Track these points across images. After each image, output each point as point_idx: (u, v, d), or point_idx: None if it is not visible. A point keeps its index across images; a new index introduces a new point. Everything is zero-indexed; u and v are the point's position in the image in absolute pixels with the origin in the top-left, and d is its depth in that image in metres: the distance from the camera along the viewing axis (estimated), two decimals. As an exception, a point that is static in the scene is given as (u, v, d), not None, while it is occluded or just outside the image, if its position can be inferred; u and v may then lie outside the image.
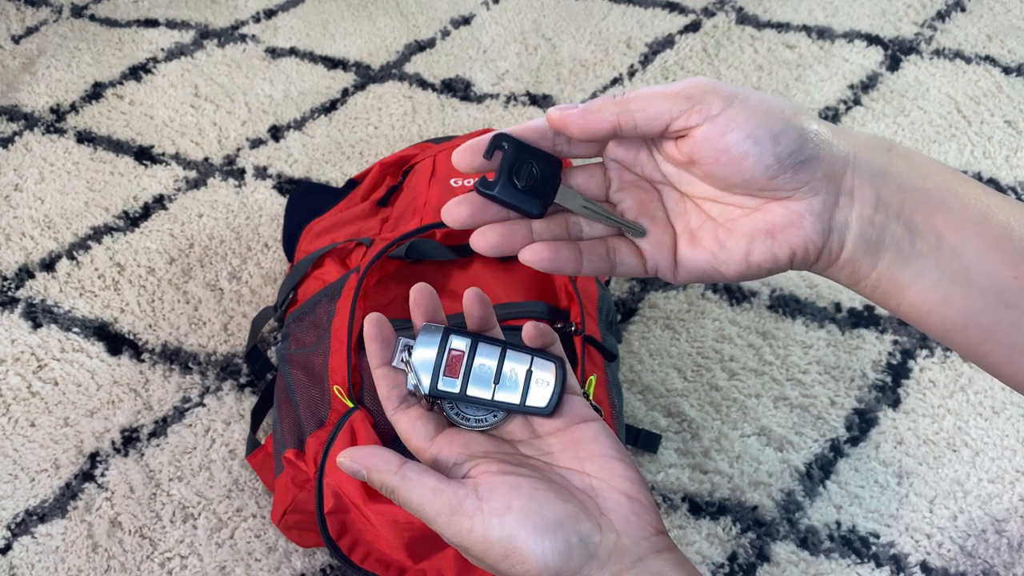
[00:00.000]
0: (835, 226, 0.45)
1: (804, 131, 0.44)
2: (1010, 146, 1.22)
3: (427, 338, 0.52)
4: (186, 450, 0.91)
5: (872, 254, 0.45)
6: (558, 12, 1.53)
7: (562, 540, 0.46)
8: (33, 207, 1.20)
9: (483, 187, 0.45)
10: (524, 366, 0.52)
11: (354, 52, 1.47)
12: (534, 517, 0.46)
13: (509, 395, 0.52)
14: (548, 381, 0.52)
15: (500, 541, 0.46)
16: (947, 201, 0.45)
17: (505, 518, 0.46)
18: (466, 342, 0.52)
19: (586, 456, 0.51)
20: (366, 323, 0.53)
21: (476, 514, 0.47)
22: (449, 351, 0.52)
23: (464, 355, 0.52)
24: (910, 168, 0.45)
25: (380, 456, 0.50)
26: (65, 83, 1.42)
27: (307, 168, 1.25)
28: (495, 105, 1.34)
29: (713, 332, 1.00)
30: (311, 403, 0.80)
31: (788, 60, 1.40)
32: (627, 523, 0.48)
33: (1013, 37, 1.41)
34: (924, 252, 0.44)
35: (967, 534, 0.82)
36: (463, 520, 0.47)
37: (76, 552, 0.84)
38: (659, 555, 0.47)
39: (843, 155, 0.45)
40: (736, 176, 0.44)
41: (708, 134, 0.43)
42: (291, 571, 0.82)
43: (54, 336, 1.03)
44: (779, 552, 0.82)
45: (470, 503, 0.47)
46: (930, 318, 0.45)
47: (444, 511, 0.48)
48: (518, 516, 0.46)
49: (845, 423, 0.91)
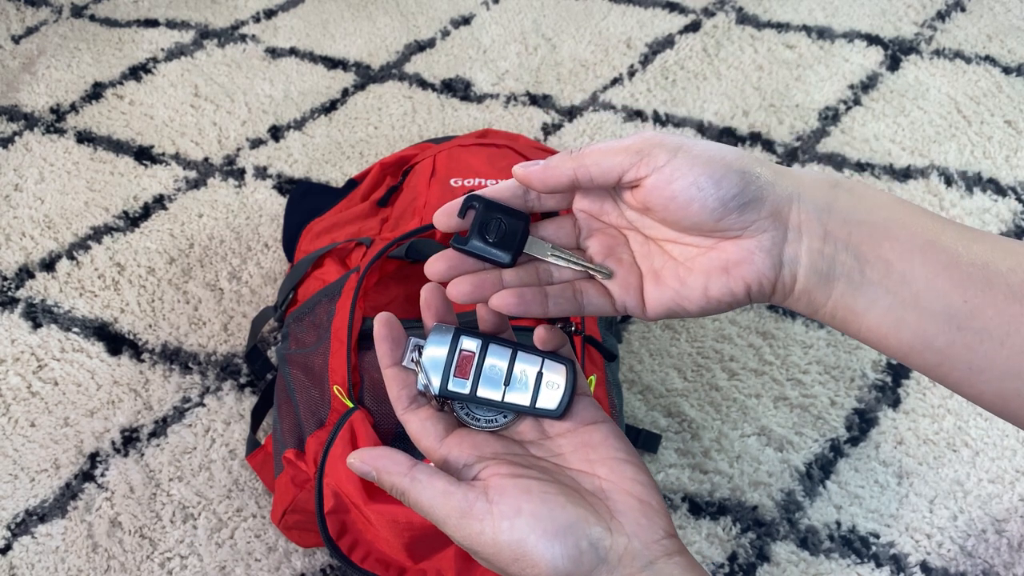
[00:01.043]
0: (786, 260, 0.48)
1: (745, 175, 0.47)
2: (1010, 146, 1.22)
3: (438, 338, 0.52)
4: (186, 450, 0.91)
5: (825, 284, 0.47)
6: (558, 12, 1.53)
7: (572, 544, 0.47)
8: (33, 207, 1.20)
9: (457, 242, 0.50)
10: (535, 368, 0.52)
11: (354, 52, 1.47)
12: (544, 521, 0.47)
13: (519, 396, 0.52)
14: (559, 383, 0.52)
15: (510, 545, 0.47)
16: (893, 231, 0.47)
17: (515, 522, 0.47)
18: (477, 343, 0.52)
19: (596, 458, 0.51)
20: (376, 322, 0.53)
21: (486, 517, 0.47)
22: (460, 352, 0.52)
23: (475, 356, 0.52)
24: (855, 201, 0.48)
25: (390, 457, 0.51)
26: (65, 83, 1.42)
27: (307, 168, 1.25)
28: (495, 105, 1.34)
29: (713, 332, 1.00)
30: (311, 403, 0.80)
31: (788, 60, 1.40)
32: (638, 526, 0.48)
33: (1013, 37, 1.41)
34: (874, 280, 0.47)
35: (967, 534, 0.82)
36: (473, 523, 0.48)
37: (76, 552, 0.84)
38: (670, 558, 0.48)
39: (787, 194, 0.47)
40: (686, 220, 0.48)
41: (656, 183, 0.47)
42: (291, 571, 0.82)
43: (54, 336, 1.03)
44: (779, 552, 0.82)
45: (480, 506, 0.48)
46: (887, 342, 0.47)
47: (454, 514, 0.48)
48: (528, 520, 0.47)
49: (845, 423, 0.91)
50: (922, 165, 1.20)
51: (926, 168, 1.19)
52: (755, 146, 1.25)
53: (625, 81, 1.38)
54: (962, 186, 1.16)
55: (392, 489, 0.50)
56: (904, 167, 1.20)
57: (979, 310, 0.45)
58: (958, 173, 1.18)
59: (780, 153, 1.23)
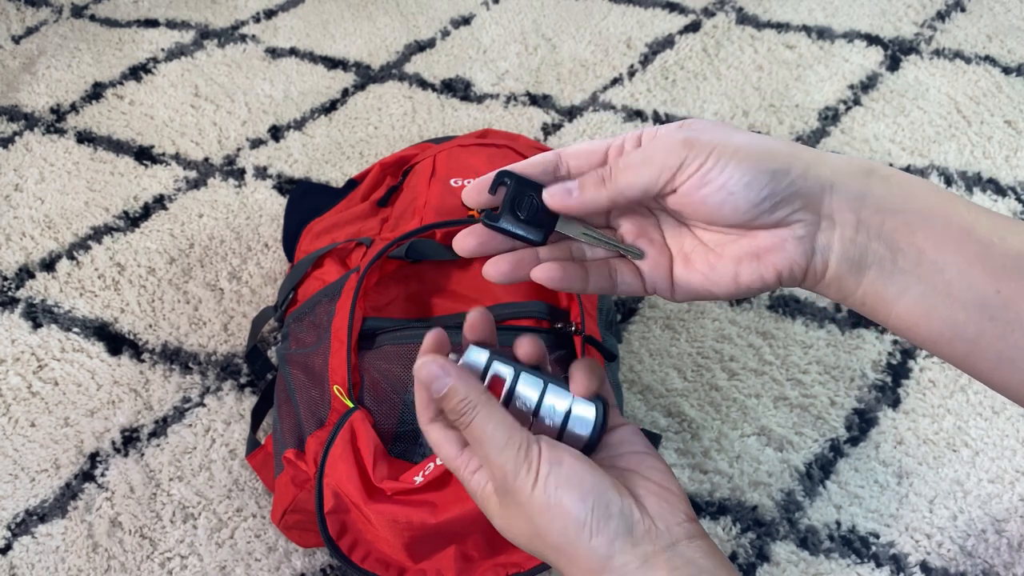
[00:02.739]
0: (817, 247, 0.48)
1: (776, 173, 0.47)
2: (1010, 146, 1.22)
3: (472, 358, 0.52)
4: (186, 450, 0.91)
5: (856, 272, 0.48)
6: (558, 12, 1.53)
7: (604, 505, 0.47)
8: (33, 207, 1.20)
9: (488, 219, 0.49)
10: (564, 404, 0.51)
11: (354, 52, 1.47)
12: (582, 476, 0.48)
13: (545, 431, 0.51)
14: (587, 421, 0.51)
15: (547, 491, 0.48)
16: (928, 219, 0.47)
17: (558, 469, 0.48)
18: (510, 370, 0.51)
19: (617, 454, 0.52)
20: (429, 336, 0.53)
21: (537, 460, 0.48)
22: (492, 376, 0.51)
23: (505, 382, 0.51)
24: (890, 190, 0.47)
25: (467, 375, 0.50)
26: (65, 83, 1.42)
27: (307, 168, 1.25)
28: (495, 105, 1.34)
29: (713, 332, 1.00)
30: (311, 403, 0.80)
31: (788, 60, 1.40)
32: (660, 509, 0.49)
33: (1013, 37, 1.41)
34: (906, 268, 0.47)
35: (967, 534, 0.82)
36: (527, 463, 0.48)
37: (76, 552, 0.84)
38: (691, 541, 0.48)
39: (821, 184, 0.47)
40: (719, 220, 0.48)
41: (687, 190, 0.48)
42: (291, 571, 0.82)
43: (54, 336, 1.03)
44: (779, 552, 0.82)
45: (535, 449, 0.49)
46: (917, 331, 0.48)
47: (513, 446, 0.48)
48: (568, 473, 0.48)
49: (845, 423, 0.91)
50: (922, 165, 1.20)
51: (926, 168, 1.19)
52: (755, 146, 1.25)
53: (625, 81, 1.38)
54: (962, 186, 1.16)
55: (465, 401, 0.50)
56: (904, 167, 1.20)
57: (1012, 301, 0.45)
58: (958, 173, 1.18)
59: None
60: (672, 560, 0.47)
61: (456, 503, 0.70)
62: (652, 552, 0.47)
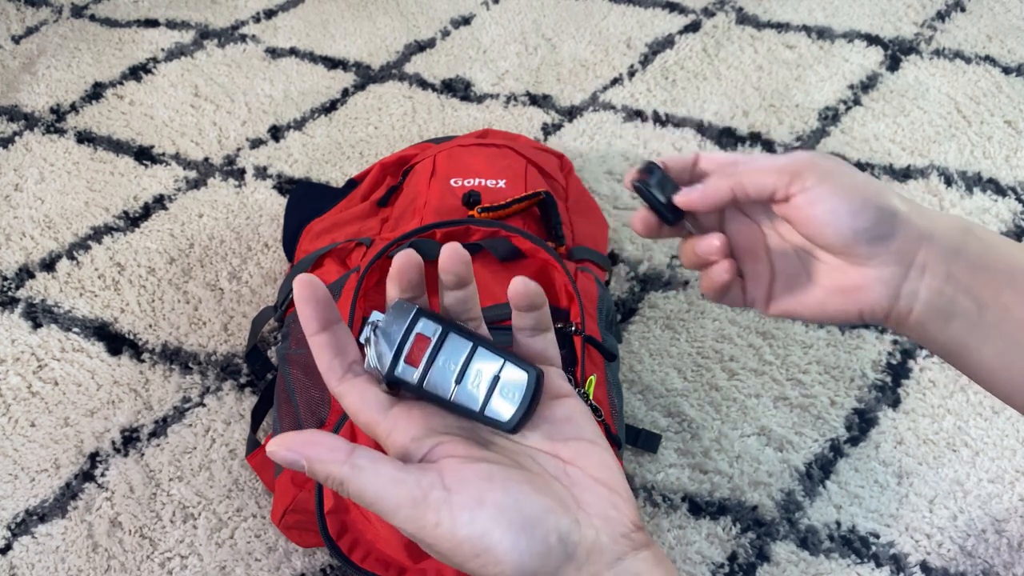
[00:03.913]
0: (903, 294, 0.52)
1: (883, 211, 0.52)
2: (1010, 146, 1.22)
3: (396, 316, 0.46)
4: (186, 450, 0.91)
5: (941, 320, 0.52)
6: (558, 12, 1.53)
7: (540, 540, 0.42)
8: (33, 207, 1.20)
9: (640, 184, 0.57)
10: (492, 369, 0.45)
11: (354, 52, 1.47)
12: (509, 513, 0.42)
13: (468, 399, 0.45)
14: (516, 392, 0.45)
15: (471, 539, 0.42)
16: (1016, 279, 0.51)
17: (477, 513, 0.42)
18: (437, 328, 0.46)
19: (560, 438, 0.47)
20: (295, 284, 0.46)
21: (443, 507, 0.42)
22: (416, 335, 0.46)
23: (430, 343, 0.46)
24: (984, 249, 0.52)
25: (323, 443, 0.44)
26: (65, 83, 1.42)
27: (307, 168, 1.25)
28: (495, 105, 1.34)
29: (713, 332, 1.00)
30: (311, 403, 0.80)
31: (788, 60, 1.40)
32: (605, 519, 0.44)
33: (1013, 37, 1.41)
34: (991, 323, 0.51)
35: (967, 534, 0.82)
36: (428, 514, 0.42)
37: (76, 552, 0.84)
38: (637, 553, 0.44)
39: (920, 232, 0.52)
40: (820, 239, 0.53)
41: (800, 203, 0.53)
42: (291, 571, 0.82)
43: (54, 336, 1.03)
44: (779, 552, 0.82)
45: (436, 495, 0.42)
46: (994, 379, 0.52)
47: (406, 504, 0.42)
48: (492, 512, 0.42)
49: (845, 423, 0.91)
50: (922, 165, 1.20)
51: (926, 168, 1.19)
52: (755, 146, 1.25)
53: (625, 81, 1.38)
54: (962, 186, 1.16)
55: (328, 480, 0.44)
56: (904, 167, 1.20)
57: None
58: (958, 173, 1.18)
59: (780, 152, 1.23)
60: None
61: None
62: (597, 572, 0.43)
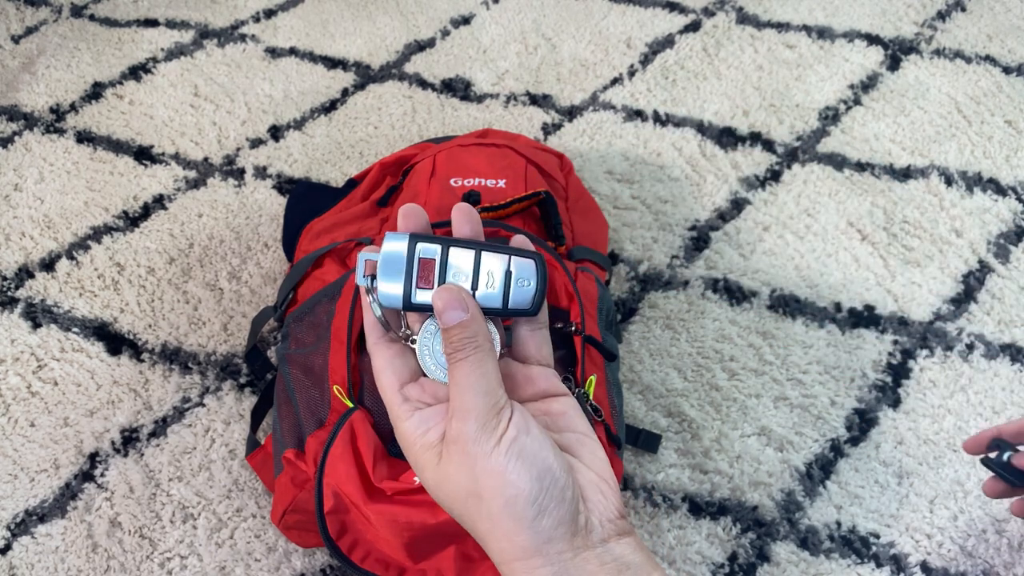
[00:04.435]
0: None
1: None
2: (1010, 146, 1.22)
3: (392, 247, 0.48)
4: (186, 450, 0.91)
5: None
6: (558, 12, 1.53)
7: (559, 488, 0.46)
8: (33, 207, 1.20)
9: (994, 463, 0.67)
10: (502, 265, 0.48)
11: (354, 52, 1.47)
12: (545, 453, 0.46)
13: (490, 299, 0.48)
14: (529, 280, 0.49)
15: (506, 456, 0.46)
16: None
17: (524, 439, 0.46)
18: (436, 247, 0.48)
19: (556, 429, 0.50)
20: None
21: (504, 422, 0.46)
22: (420, 259, 0.48)
23: (436, 261, 0.48)
24: None
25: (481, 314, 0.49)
26: (65, 83, 1.42)
27: (307, 168, 1.25)
28: (495, 105, 1.34)
29: (713, 332, 1.00)
30: (311, 403, 0.79)
31: (788, 60, 1.40)
32: (597, 502, 0.48)
33: (1013, 37, 1.41)
34: None
35: (967, 534, 0.82)
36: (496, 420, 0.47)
37: (76, 552, 0.84)
38: (620, 539, 0.47)
39: None
40: None
41: None
42: (291, 571, 0.82)
43: (54, 336, 1.03)
44: (779, 552, 0.82)
45: (506, 411, 0.47)
46: None
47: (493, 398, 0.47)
48: (533, 446, 0.46)
49: (845, 423, 0.91)
50: (922, 165, 1.20)
51: (926, 168, 1.19)
52: (755, 146, 1.25)
53: (625, 81, 1.38)
54: (962, 186, 1.16)
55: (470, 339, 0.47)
56: (904, 167, 1.20)
57: None
58: (958, 173, 1.18)
59: (780, 153, 1.23)
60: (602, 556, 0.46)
61: (456, 503, 0.70)
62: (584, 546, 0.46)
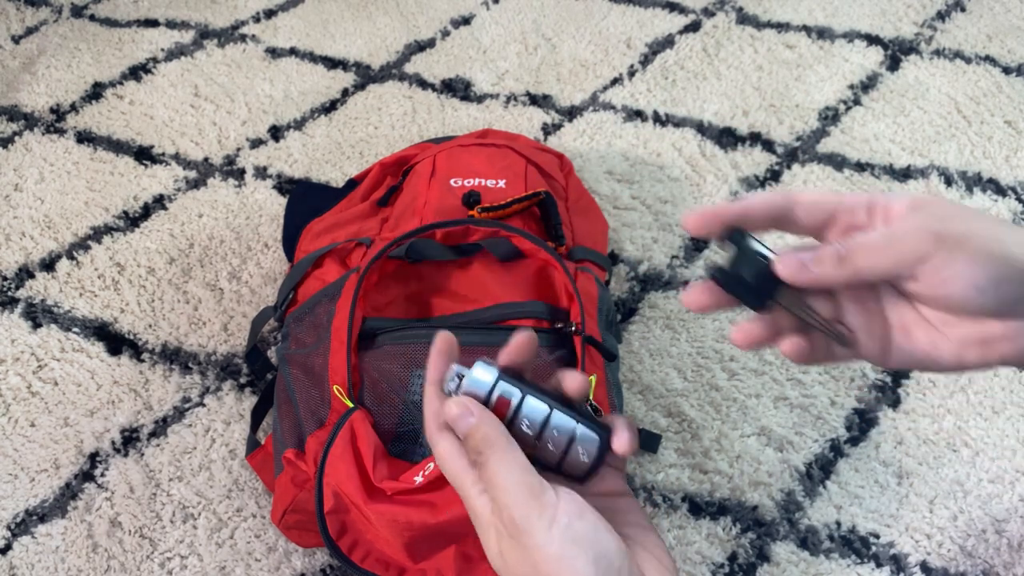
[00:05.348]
0: None
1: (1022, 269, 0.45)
2: (1010, 146, 1.22)
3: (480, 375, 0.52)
4: (186, 450, 0.91)
5: None
6: (558, 12, 1.53)
7: (615, 571, 0.47)
8: (33, 207, 1.20)
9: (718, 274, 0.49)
10: (569, 430, 0.51)
11: (354, 52, 1.47)
12: (599, 536, 0.47)
13: (547, 455, 0.51)
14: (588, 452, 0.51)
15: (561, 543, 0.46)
16: None
17: (578, 523, 0.47)
18: (516, 392, 0.52)
19: (622, 523, 0.52)
20: (437, 338, 0.53)
21: (550, 509, 0.47)
22: (499, 396, 0.51)
23: (511, 404, 0.51)
24: None
25: (491, 415, 0.51)
26: (65, 83, 1.42)
27: (307, 168, 1.25)
28: (495, 105, 1.34)
29: (713, 332, 1.00)
30: (311, 403, 0.79)
31: (788, 60, 1.40)
32: None
33: (1013, 37, 1.41)
34: None
35: (967, 534, 0.82)
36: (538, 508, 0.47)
37: (76, 552, 0.84)
38: None
39: None
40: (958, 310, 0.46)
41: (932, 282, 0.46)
42: (291, 571, 0.82)
43: (54, 336, 1.03)
44: (779, 552, 0.82)
45: (550, 496, 0.48)
46: None
47: (526, 488, 0.48)
48: (587, 530, 0.47)
49: (845, 423, 0.91)
50: (922, 165, 1.20)
51: (926, 168, 1.19)
52: (755, 146, 1.25)
53: (625, 81, 1.38)
54: (962, 186, 1.16)
55: (484, 440, 0.50)
56: (904, 167, 1.20)
57: None
58: (958, 173, 1.18)
59: (780, 153, 1.23)
60: None
61: (456, 503, 0.70)
62: None
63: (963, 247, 0.45)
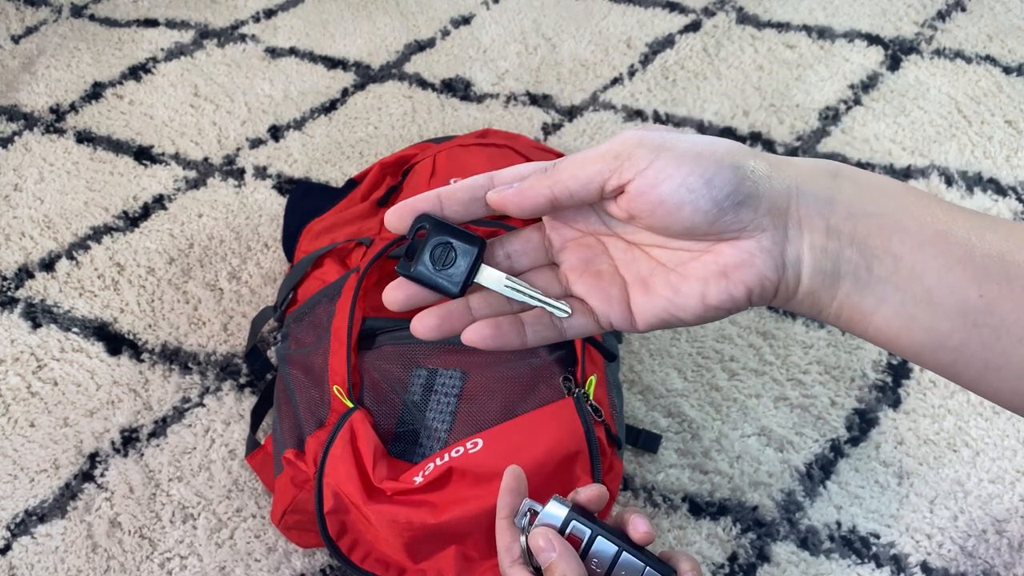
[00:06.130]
0: (788, 261, 0.44)
1: (739, 170, 0.43)
2: (1010, 146, 1.22)
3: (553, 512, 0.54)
4: (186, 450, 0.91)
5: (830, 284, 0.44)
6: (558, 12, 1.53)
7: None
8: (33, 207, 1.20)
9: (402, 269, 0.46)
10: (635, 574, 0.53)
11: (354, 52, 1.47)
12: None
13: None
14: None
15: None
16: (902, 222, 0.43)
17: None
18: (587, 531, 0.54)
19: None
20: (507, 475, 0.56)
21: None
22: (570, 533, 0.53)
23: (582, 543, 0.53)
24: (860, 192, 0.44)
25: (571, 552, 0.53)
26: (65, 83, 1.42)
27: (307, 168, 1.25)
28: (495, 105, 1.34)
29: (713, 332, 1.00)
30: (311, 403, 0.79)
31: (788, 60, 1.40)
32: None
33: (1013, 37, 1.41)
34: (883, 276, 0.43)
35: (967, 534, 0.82)
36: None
37: (76, 552, 0.84)
38: None
39: (785, 187, 0.44)
40: (677, 225, 0.44)
41: (641, 188, 0.43)
42: (291, 571, 0.82)
43: (54, 336, 1.03)
44: (779, 552, 0.82)
45: None
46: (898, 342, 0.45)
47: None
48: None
49: (845, 423, 0.91)
50: (922, 165, 1.20)
51: (926, 168, 1.19)
52: (755, 146, 1.25)
53: (625, 81, 1.38)
54: (962, 186, 1.16)
55: None
56: (904, 167, 1.20)
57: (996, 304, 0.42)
58: (958, 173, 1.18)
59: (780, 153, 1.23)
60: None
61: (456, 503, 0.70)
62: None
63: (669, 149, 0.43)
